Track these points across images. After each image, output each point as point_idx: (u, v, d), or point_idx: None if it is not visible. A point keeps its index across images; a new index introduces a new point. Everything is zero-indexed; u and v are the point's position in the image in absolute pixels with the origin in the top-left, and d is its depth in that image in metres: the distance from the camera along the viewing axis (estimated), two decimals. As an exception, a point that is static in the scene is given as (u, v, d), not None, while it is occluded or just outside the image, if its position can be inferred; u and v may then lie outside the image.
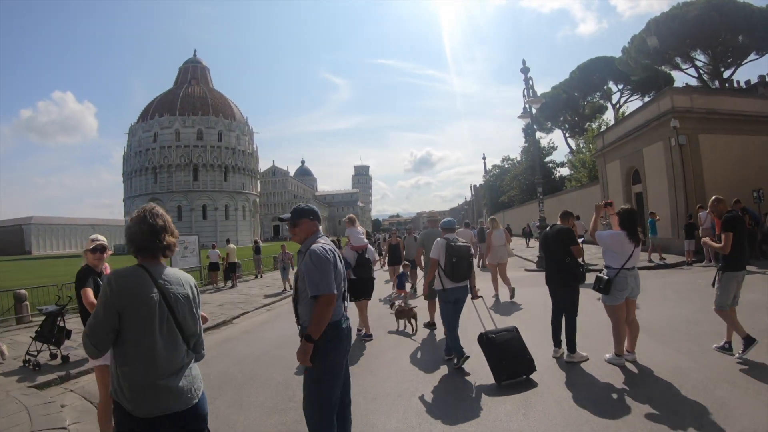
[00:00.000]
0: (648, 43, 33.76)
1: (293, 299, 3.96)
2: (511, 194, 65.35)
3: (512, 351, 6.09)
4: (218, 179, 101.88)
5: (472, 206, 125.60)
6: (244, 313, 13.81)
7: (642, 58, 41.86)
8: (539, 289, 12.52)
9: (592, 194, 30.98)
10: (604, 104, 53.57)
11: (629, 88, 50.17)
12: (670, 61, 42.61)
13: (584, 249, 7.82)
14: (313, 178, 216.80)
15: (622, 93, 51.47)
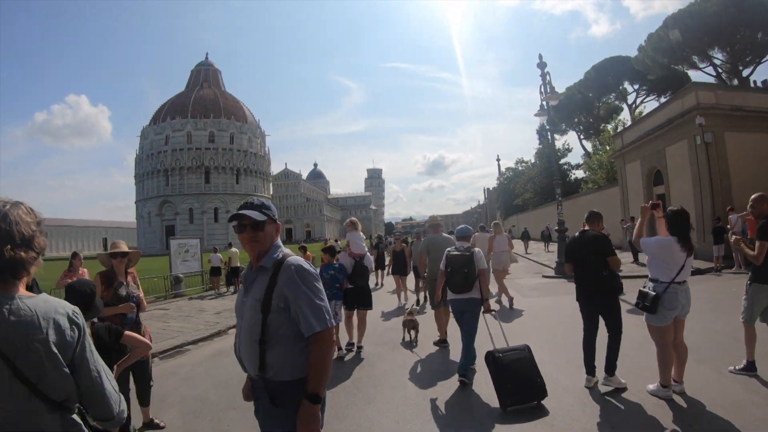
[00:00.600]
0: (670, 37, 32.56)
1: (242, 342, 2.63)
2: (525, 197, 64.24)
3: (520, 373, 5.46)
4: (230, 182, 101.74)
5: (486, 209, 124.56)
6: None
7: (659, 56, 40.57)
8: (560, 299, 11.92)
9: (610, 196, 29.85)
10: (619, 105, 52.21)
11: (645, 88, 48.80)
12: (688, 59, 41.27)
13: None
14: (325, 181, 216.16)
15: (638, 93, 50.08)
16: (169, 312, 15.27)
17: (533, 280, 17.32)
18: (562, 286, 14.85)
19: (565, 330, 8.61)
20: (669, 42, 37.94)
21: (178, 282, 19.57)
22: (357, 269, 8.45)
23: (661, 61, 40.50)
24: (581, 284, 6.09)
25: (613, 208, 28.21)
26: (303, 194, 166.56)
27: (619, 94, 51.32)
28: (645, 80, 47.04)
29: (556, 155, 20.33)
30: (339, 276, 8.13)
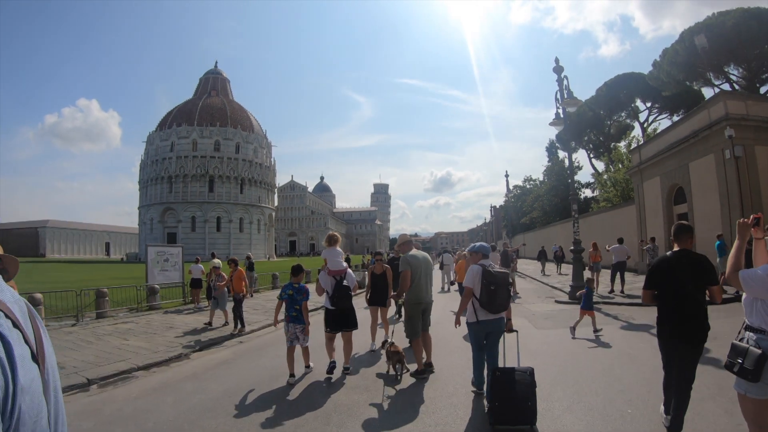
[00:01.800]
0: (696, 43, 31.16)
1: None
2: (532, 215, 62.92)
3: (513, 394, 5.42)
4: (234, 191, 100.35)
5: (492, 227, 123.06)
6: (210, 344, 11.45)
7: (675, 71, 39.21)
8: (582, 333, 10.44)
9: (625, 216, 28.35)
10: (630, 123, 50.84)
11: (658, 106, 47.51)
12: (703, 76, 40.02)
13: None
14: (331, 195, 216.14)
15: (650, 111, 48.79)
16: (134, 327, 13.92)
17: (545, 305, 15.78)
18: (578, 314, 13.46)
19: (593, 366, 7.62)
20: (685, 57, 36.73)
21: (154, 293, 18.01)
22: (337, 290, 7.92)
23: (677, 77, 39.24)
24: (670, 318, 4.78)
25: (628, 227, 26.75)
26: (308, 207, 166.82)
27: (631, 112, 50.17)
28: (658, 98, 45.86)
29: (571, 168, 18.74)
30: (297, 297, 7.83)
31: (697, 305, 4.63)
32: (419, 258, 7.87)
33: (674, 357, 4.78)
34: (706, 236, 18.93)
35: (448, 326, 10.40)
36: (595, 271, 18.27)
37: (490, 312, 6.07)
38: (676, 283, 4.72)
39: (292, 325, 7.82)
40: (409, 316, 7.78)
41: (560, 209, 54.30)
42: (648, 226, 24.33)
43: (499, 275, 6.10)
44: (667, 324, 4.80)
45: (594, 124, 51.91)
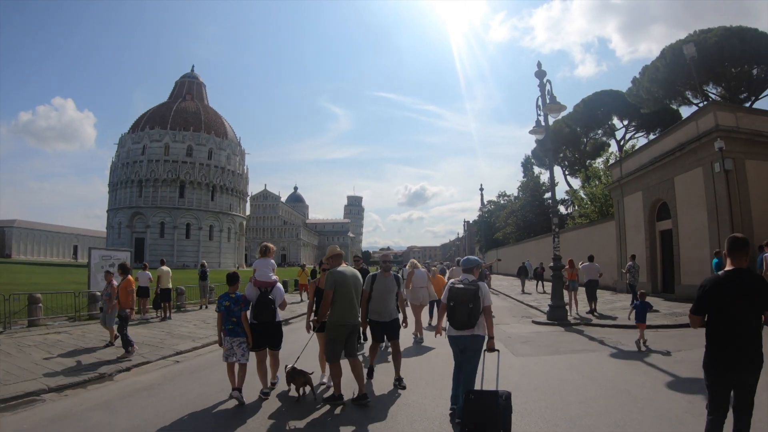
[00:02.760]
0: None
1: None
2: (506, 231, 62.24)
3: (483, 419, 5.19)
4: (205, 198, 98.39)
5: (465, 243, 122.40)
6: (141, 363, 10.01)
7: (655, 88, 38.84)
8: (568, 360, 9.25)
9: (603, 232, 27.52)
10: (606, 141, 50.70)
11: (635, 124, 47.49)
12: (681, 94, 39.82)
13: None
14: (305, 205, 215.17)
15: (627, 129, 48.76)
16: (66, 339, 12.51)
17: (522, 327, 14.41)
18: (562, 337, 12.32)
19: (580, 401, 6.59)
20: (666, 73, 36.42)
21: (95, 301, 16.51)
22: (259, 301, 7.28)
23: (657, 93, 38.92)
24: (722, 346, 4.02)
25: (607, 244, 25.86)
26: (281, 217, 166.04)
27: (608, 129, 50.03)
28: (635, 115, 45.83)
29: (552, 180, 17.66)
30: (234, 308, 7.22)
31: (749, 331, 3.93)
32: (346, 274, 7.02)
33: (725, 391, 4.00)
34: (692, 254, 18.10)
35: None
36: (572, 290, 17.01)
37: (453, 327, 5.96)
38: (732, 308, 3.97)
39: (229, 338, 7.19)
40: (330, 339, 6.94)
41: (535, 225, 53.77)
42: (628, 242, 23.45)
43: (459, 291, 5.92)
44: (720, 354, 4.01)
45: (570, 140, 51.64)
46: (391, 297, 7.82)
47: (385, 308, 7.73)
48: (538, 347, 10.87)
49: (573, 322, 14.64)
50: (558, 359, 9.42)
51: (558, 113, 15.88)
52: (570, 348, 9.97)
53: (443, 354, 8.85)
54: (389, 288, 7.86)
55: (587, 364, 8.96)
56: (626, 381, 7.62)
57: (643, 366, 8.59)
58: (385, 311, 7.72)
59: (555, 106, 15.42)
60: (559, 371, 8.48)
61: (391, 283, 7.88)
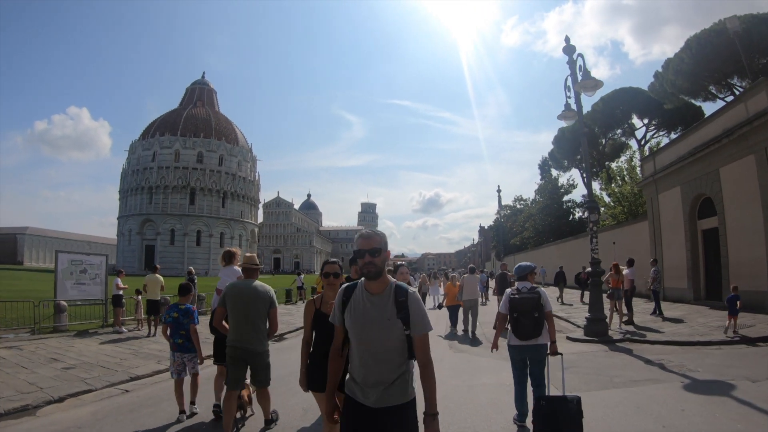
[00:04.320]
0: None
1: None
2: (524, 236, 59.82)
3: (555, 424, 4.99)
4: (215, 205, 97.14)
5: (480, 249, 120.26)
6: (82, 391, 8.18)
7: (680, 80, 36.47)
8: (623, 396, 7.04)
9: (635, 233, 25.09)
10: (626, 141, 48.24)
11: (656, 122, 45.08)
12: (705, 88, 37.44)
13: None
14: (318, 213, 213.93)
15: (647, 128, 46.33)
16: (10, 356, 10.74)
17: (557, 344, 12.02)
18: (610, 359, 10.03)
19: None
20: (691, 65, 34.01)
21: (60, 312, 14.55)
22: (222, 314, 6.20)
23: (682, 86, 36.52)
24: None
25: (639, 247, 23.35)
26: (294, 224, 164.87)
27: (627, 129, 47.56)
28: (656, 113, 43.52)
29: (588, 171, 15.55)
30: (183, 321, 6.80)
31: None
32: (240, 289, 5.91)
33: None
34: (743, 255, 15.70)
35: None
36: (617, 299, 14.67)
37: (518, 338, 5.83)
38: None
39: (179, 354, 6.73)
40: (228, 360, 5.91)
41: (554, 228, 51.46)
42: (665, 244, 21.13)
43: (521, 301, 5.79)
44: None
45: (588, 141, 49.20)
46: None
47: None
48: (585, 376, 8.52)
49: (616, 338, 12.33)
50: (616, 395, 7.16)
51: (593, 91, 13.40)
52: (627, 377, 7.87)
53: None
54: None
55: (658, 402, 6.68)
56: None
57: (734, 404, 6.36)
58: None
59: (589, 82, 13.12)
60: (623, 416, 6.28)
61: None
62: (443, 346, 12.37)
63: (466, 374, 8.89)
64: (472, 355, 11.02)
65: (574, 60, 13.94)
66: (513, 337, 5.86)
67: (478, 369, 9.37)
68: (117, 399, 7.94)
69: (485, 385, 8.12)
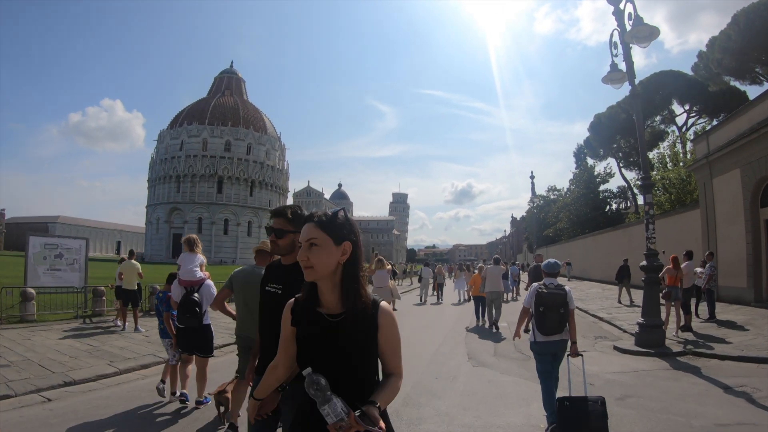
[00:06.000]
0: None
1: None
2: (558, 227, 57.06)
3: (581, 425, 4.88)
4: (243, 193, 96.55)
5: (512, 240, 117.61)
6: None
7: (727, 60, 33.87)
8: None
9: (682, 224, 22.36)
10: (665, 129, 45.48)
11: (697, 108, 42.43)
12: (751, 70, 34.74)
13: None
14: (349, 203, 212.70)
15: (688, 114, 43.57)
16: None
17: (604, 358, 9.56)
18: (676, 383, 7.69)
19: None
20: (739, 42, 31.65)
21: (27, 300, 12.79)
22: (182, 304, 6.36)
23: (728, 65, 33.95)
24: None
25: (688, 239, 20.41)
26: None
27: (667, 116, 44.93)
28: (698, 98, 41.32)
29: (642, 141, 12.87)
30: (161, 308, 7.19)
31: None
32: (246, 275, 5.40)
33: None
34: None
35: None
36: (674, 300, 12.20)
37: (542, 333, 5.67)
38: None
39: (167, 340, 7.05)
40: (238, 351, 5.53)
41: (590, 219, 48.66)
42: (719, 236, 18.53)
43: (549, 296, 5.64)
44: None
45: (625, 129, 46.87)
46: None
47: None
48: (650, 414, 6.12)
49: (676, 350, 9.87)
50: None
51: (648, 42, 10.89)
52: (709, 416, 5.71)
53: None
54: None
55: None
56: None
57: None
58: None
59: (643, 29, 10.64)
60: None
61: None
62: (460, 355, 10.09)
63: (484, 404, 6.47)
64: (495, 372, 8.42)
65: (622, 9, 11.53)
66: (538, 334, 5.75)
67: (501, 395, 6.88)
68: (28, 411, 6.38)
69: (509, 427, 5.86)
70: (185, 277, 6.62)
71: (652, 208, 11.43)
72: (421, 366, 8.76)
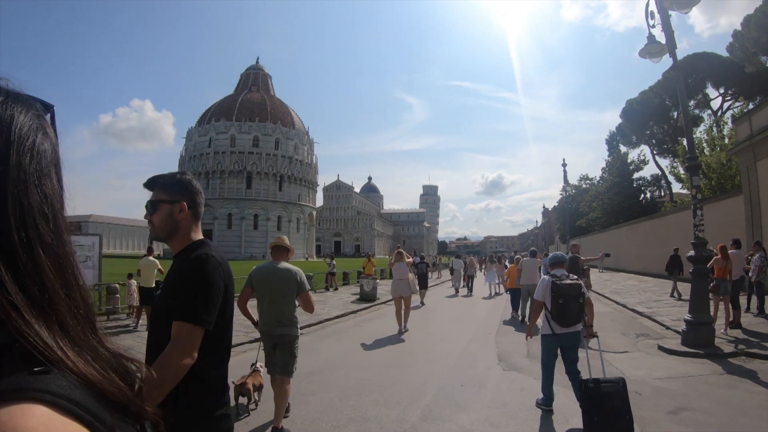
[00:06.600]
0: None
1: None
2: (590, 217, 55.65)
3: (611, 407, 4.90)
4: (272, 188, 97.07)
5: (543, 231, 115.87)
6: None
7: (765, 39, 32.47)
8: None
9: (723, 212, 20.99)
10: (699, 114, 44.01)
11: (732, 91, 40.89)
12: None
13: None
14: (379, 196, 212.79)
15: (723, 98, 42.07)
16: None
17: (648, 360, 8.85)
18: (733, 391, 6.80)
19: None
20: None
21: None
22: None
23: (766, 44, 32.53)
24: None
25: (729, 228, 19.01)
26: (354, 207, 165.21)
27: (701, 100, 43.50)
28: (734, 80, 39.93)
29: (686, 116, 11.95)
30: None
31: None
32: (263, 271, 5.67)
33: None
34: None
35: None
36: (724, 293, 11.24)
37: (561, 326, 5.70)
38: None
39: None
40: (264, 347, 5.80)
41: (624, 209, 47.30)
42: (765, 224, 17.46)
43: (567, 287, 5.69)
44: None
45: (658, 115, 45.67)
46: None
47: None
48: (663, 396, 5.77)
49: (727, 350, 8.89)
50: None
51: (688, 7, 9.98)
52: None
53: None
54: None
55: None
56: None
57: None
58: None
59: None
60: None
61: None
62: (490, 356, 9.26)
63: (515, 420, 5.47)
64: (528, 378, 7.47)
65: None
66: (556, 326, 5.75)
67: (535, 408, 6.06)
68: None
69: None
70: None
71: (699, 192, 10.42)
72: (445, 369, 8.10)
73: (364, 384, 7.14)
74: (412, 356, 9.30)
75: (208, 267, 2.25)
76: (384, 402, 6.28)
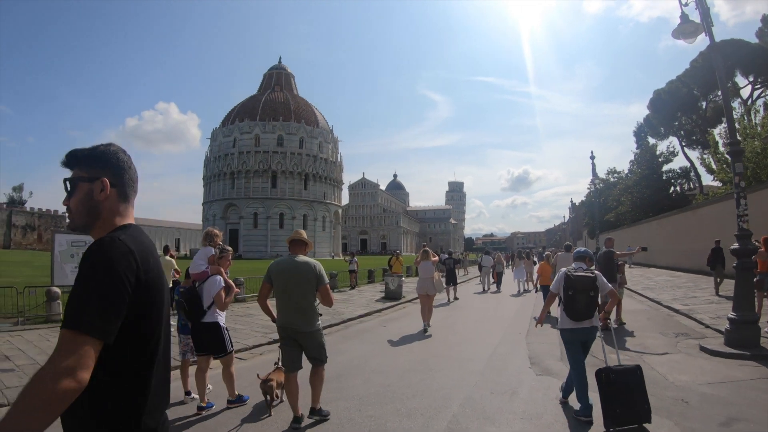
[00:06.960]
0: None
1: None
2: (619, 211, 54.49)
3: (629, 395, 4.96)
4: (297, 187, 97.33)
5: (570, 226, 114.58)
6: None
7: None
8: None
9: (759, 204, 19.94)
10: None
11: (762, 79, 39.68)
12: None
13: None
14: (405, 193, 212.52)
15: (753, 86, 40.87)
16: None
17: (689, 362, 8.25)
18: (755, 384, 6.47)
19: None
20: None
21: (52, 299, 12.35)
22: (188, 297, 6.21)
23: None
24: None
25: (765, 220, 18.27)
26: (380, 205, 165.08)
27: (730, 89, 41.91)
28: (764, 68, 39.13)
29: (723, 82, 11.05)
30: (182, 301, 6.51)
31: None
32: (281, 266, 5.60)
33: None
34: None
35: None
36: (766, 290, 10.61)
37: (572, 319, 5.60)
38: None
39: (183, 335, 6.76)
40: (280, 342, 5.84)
41: (653, 202, 46.27)
42: (806, 215, 16.66)
43: (578, 279, 5.60)
44: None
45: (687, 105, 44.54)
46: None
47: None
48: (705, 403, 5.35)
49: None
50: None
51: None
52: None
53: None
54: None
55: None
56: None
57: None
58: None
59: None
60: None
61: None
62: (521, 359, 8.71)
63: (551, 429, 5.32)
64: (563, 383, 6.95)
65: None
66: (566, 320, 5.70)
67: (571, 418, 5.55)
68: None
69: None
70: (191, 270, 6.55)
71: (743, 180, 9.81)
72: (473, 374, 7.59)
73: (386, 391, 6.71)
74: (437, 359, 8.83)
75: (107, 253, 1.66)
76: (406, 412, 5.83)
